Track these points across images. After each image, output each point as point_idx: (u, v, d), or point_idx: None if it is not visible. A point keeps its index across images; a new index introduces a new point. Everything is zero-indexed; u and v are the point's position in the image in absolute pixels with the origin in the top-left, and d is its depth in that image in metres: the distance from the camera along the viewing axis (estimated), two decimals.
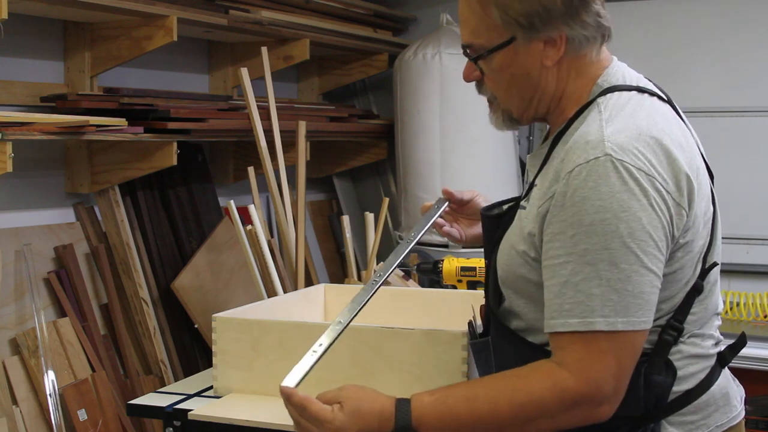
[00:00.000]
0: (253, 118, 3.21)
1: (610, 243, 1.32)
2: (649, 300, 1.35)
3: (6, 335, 2.82)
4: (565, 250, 1.35)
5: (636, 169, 1.34)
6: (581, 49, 1.47)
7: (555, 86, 1.50)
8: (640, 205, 1.33)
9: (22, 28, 2.91)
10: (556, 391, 1.34)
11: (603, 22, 1.47)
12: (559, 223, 1.37)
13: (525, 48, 1.46)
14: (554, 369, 1.36)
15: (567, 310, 1.34)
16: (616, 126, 1.39)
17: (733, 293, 3.75)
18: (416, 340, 1.90)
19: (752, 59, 3.90)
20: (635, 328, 1.34)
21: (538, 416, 1.36)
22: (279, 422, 1.87)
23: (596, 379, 1.34)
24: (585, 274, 1.33)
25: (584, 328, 1.33)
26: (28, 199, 3.01)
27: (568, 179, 1.36)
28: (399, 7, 4.58)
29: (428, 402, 1.40)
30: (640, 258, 1.33)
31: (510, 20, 1.44)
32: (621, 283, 1.32)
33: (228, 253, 3.57)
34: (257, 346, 2.04)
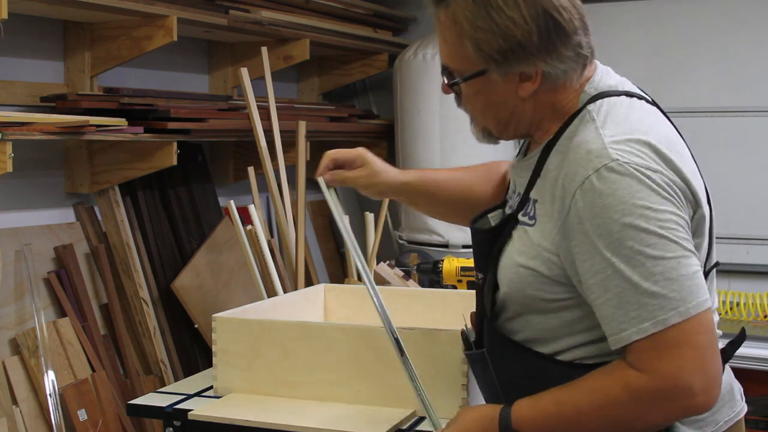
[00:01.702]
0: (253, 118, 3.21)
1: (648, 239, 1.32)
2: (701, 278, 1.35)
3: (6, 335, 2.82)
4: (605, 263, 1.34)
5: (644, 168, 1.34)
6: (559, 81, 1.46)
7: (532, 114, 1.49)
8: (659, 199, 1.34)
9: (22, 28, 2.91)
10: (630, 392, 1.34)
11: (584, 51, 1.46)
12: (587, 239, 1.36)
13: (500, 79, 1.45)
14: (625, 370, 1.35)
15: (634, 317, 1.32)
16: (613, 131, 1.39)
17: (733, 293, 3.75)
18: (416, 340, 1.90)
19: (752, 59, 3.90)
20: (704, 307, 1.33)
21: (623, 417, 1.36)
22: (279, 422, 1.87)
23: (671, 374, 1.31)
24: (638, 277, 1.32)
25: (660, 327, 1.31)
26: (28, 199, 3.01)
27: (581, 193, 1.36)
28: (399, 7, 4.58)
29: (525, 405, 1.43)
30: (680, 243, 1.33)
31: (484, 55, 1.43)
32: (674, 272, 1.32)
33: (228, 253, 3.57)
34: (257, 346, 2.04)
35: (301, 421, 1.87)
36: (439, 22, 1.48)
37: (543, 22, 1.40)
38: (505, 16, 1.39)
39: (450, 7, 1.44)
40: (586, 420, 1.38)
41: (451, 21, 1.45)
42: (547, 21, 1.40)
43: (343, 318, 2.47)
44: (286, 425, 1.85)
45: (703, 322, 1.32)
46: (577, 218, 1.36)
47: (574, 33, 1.43)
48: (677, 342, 1.31)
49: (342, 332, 1.98)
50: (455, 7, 1.43)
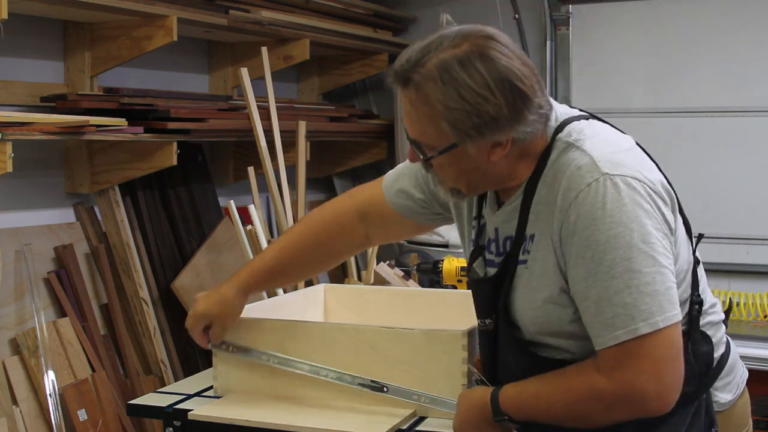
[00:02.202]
0: (253, 118, 3.21)
1: (629, 253, 1.42)
2: (674, 293, 1.45)
3: (6, 335, 2.82)
4: (590, 272, 1.44)
5: (632, 179, 1.45)
6: (527, 140, 1.52)
7: (504, 170, 1.56)
8: (644, 212, 1.44)
9: (22, 28, 2.91)
10: (593, 393, 1.47)
11: (545, 110, 1.52)
12: (577, 249, 1.46)
13: (473, 149, 1.51)
14: (592, 373, 1.47)
15: (610, 325, 1.43)
16: (594, 146, 1.49)
17: (733, 293, 3.75)
18: (416, 340, 1.90)
19: (752, 59, 3.90)
20: (672, 321, 1.43)
21: (588, 413, 1.49)
22: (279, 422, 1.87)
23: (628, 382, 1.43)
24: (615, 288, 1.42)
25: (631, 336, 1.42)
26: (28, 199, 3.01)
27: (574, 206, 1.45)
28: (399, 7, 4.58)
29: (511, 392, 1.57)
30: (657, 259, 1.43)
31: (459, 132, 1.48)
32: (649, 286, 1.42)
33: (228, 253, 3.57)
34: (257, 346, 2.04)
35: (300, 421, 1.86)
36: (407, 101, 1.52)
37: (509, 92, 1.46)
38: (475, 94, 1.45)
39: (420, 90, 1.48)
40: (558, 411, 1.52)
41: (423, 102, 1.49)
42: (513, 91, 1.46)
43: (343, 318, 2.46)
44: (286, 425, 1.85)
45: (668, 337, 1.43)
46: (571, 230, 1.46)
47: (535, 96, 1.49)
48: (640, 353, 1.42)
49: (342, 332, 1.98)
50: (426, 91, 1.48)
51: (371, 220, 1.91)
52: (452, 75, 1.45)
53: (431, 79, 1.47)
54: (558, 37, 4.27)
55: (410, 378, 1.89)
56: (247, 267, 1.95)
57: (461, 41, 1.48)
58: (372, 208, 1.90)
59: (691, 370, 1.53)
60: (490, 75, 1.44)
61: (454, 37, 1.50)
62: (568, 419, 1.52)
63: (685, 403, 1.55)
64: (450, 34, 1.51)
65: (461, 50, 1.47)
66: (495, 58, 1.45)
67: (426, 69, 1.47)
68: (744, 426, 1.70)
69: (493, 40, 1.48)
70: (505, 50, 1.47)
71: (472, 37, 1.49)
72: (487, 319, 1.65)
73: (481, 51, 1.46)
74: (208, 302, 1.92)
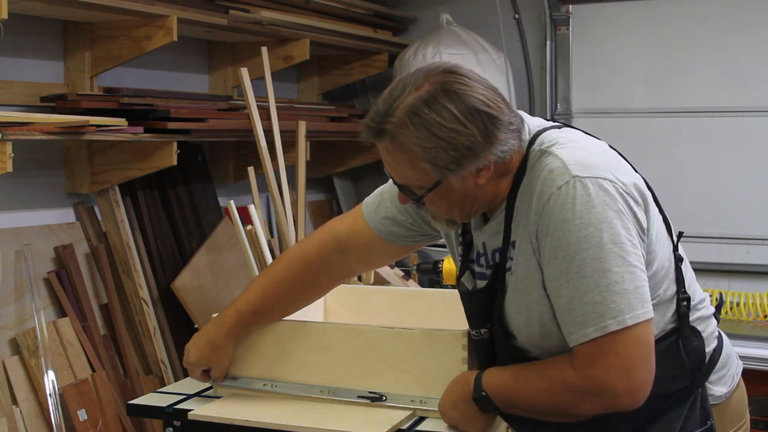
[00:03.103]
0: (253, 118, 3.21)
1: (599, 253, 1.46)
2: (643, 292, 1.49)
3: (6, 335, 2.82)
4: (561, 271, 1.49)
5: (603, 180, 1.49)
6: (507, 157, 1.57)
7: (490, 191, 1.61)
8: (614, 213, 1.48)
9: (22, 28, 2.91)
10: (564, 386, 1.52)
11: (515, 126, 1.57)
12: (549, 249, 1.51)
13: (457, 181, 1.56)
14: (565, 367, 1.53)
15: (581, 323, 1.48)
16: (566, 151, 1.54)
17: (733, 293, 3.75)
18: (416, 340, 1.90)
19: (752, 59, 3.90)
20: (641, 319, 1.47)
21: (559, 404, 1.55)
22: (279, 422, 1.87)
23: (598, 378, 1.48)
24: (585, 287, 1.47)
25: (600, 333, 1.47)
26: (28, 199, 3.01)
27: (547, 209, 1.50)
28: (399, 7, 4.58)
29: (493, 373, 1.65)
30: (626, 258, 1.47)
31: (440, 168, 1.53)
32: (618, 285, 1.46)
33: (228, 253, 3.57)
34: (257, 346, 2.04)
35: (300, 421, 1.86)
36: (385, 152, 1.57)
37: (479, 120, 1.51)
38: (447, 130, 1.50)
39: (395, 139, 1.53)
40: (533, 398, 1.58)
41: (400, 150, 1.54)
42: (481, 117, 1.51)
43: (343, 318, 2.46)
44: (286, 425, 1.85)
45: (637, 335, 1.47)
46: (544, 231, 1.51)
47: (503, 114, 1.54)
48: (610, 350, 1.47)
49: (342, 332, 1.98)
50: (400, 138, 1.53)
51: (353, 250, 1.93)
52: (422, 117, 1.50)
53: (402, 125, 1.52)
54: (558, 37, 4.27)
55: (410, 378, 1.89)
56: (232, 310, 1.97)
57: (422, 82, 1.53)
58: (353, 239, 1.92)
59: (682, 366, 1.59)
60: (457, 109, 1.50)
61: (415, 80, 1.54)
62: (541, 407, 1.57)
63: (680, 399, 1.60)
64: (410, 78, 1.55)
65: (424, 91, 1.52)
66: (458, 91, 1.51)
67: (396, 117, 1.52)
68: (740, 418, 1.72)
69: (452, 74, 1.54)
70: (466, 80, 1.53)
71: (431, 76, 1.53)
72: (482, 329, 1.70)
73: (444, 88, 1.51)
74: (199, 351, 1.97)
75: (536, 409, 1.59)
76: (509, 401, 1.62)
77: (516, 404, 1.61)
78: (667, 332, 1.60)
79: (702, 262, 3.89)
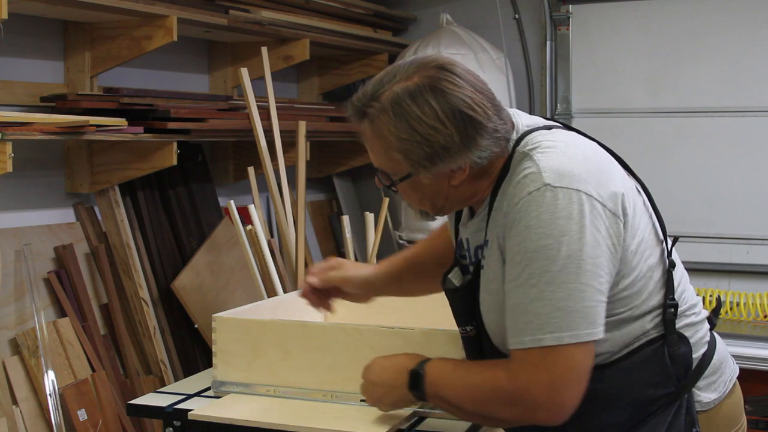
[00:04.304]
0: (253, 118, 3.21)
1: (551, 266, 1.44)
2: (592, 313, 1.46)
3: (6, 335, 2.82)
4: (515, 275, 1.48)
5: (574, 191, 1.46)
6: (485, 163, 1.56)
7: (466, 191, 1.61)
8: (578, 227, 1.45)
9: (22, 28, 2.91)
10: (493, 387, 1.52)
11: (501, 134, 1.56)
12: (510, 252, 1.50)
13: (428, 177, 1.57)
14: (500, 370, 1.52)
15: (520, 330, 1.48)
16: (545, 157, 1.51)
17: (733, 293, 3.75)
18: (416, 340, 1.90)
19: (752, 59, 3.90)
20: (581, 340, 1.45)
21: (484, 402, 1.55)
22: (279, 422, 1.87)
23: (525, 387, 1.48)
24: (532, 296, 1.46)
25: (535, 345, 1.46)
26: (28, 199, 3.01)
27: (515, 212, 1.49)
28: (399, 7, 4.58)
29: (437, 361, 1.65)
30: (579, 276, 1.45)
31: (412, 162, 1.54)
32: (564, 301, 1.44)
33: (228, 253, 3.57)
34: (257, 346, 2.04)
35: (301, 421, 1.87)
36: (366, 137, 1.60)
37: (460, 122, 1.51)
38: (426, 126, 1.51)
39: (374, 123, 1.55)
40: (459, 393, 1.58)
41: (377, 135, 1.56)
42: (464, 120, 1.51)
43: (343, 318, 2.47)
44: (286, 425, 1.85)
45: (571, 355, 1.46)
46: (509, 233, 1.50)
47: (488, 121, 1.53)
48: (539, 364, 1.46)
49: (342, 332, 1.98)
50: (379, 123, 1.55)
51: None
52: (403, 108, 1.51)
53: (383, 112, 1.53)
54: (558, 37, 4.27)
55: None
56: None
57: (413, 74, 1.53)
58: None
59: (667, 372, 1.57)
60: (440, 107, 1.50)
61: (407, 69, 1.55)
62: (465, 403, 1.58)
63: (665, 404, 1.57)
64: (404, 66, 1.57)
65: (412, 83, 1.52)
66: (445, 90, 1.51)
67: (380, 102, 1.54)
68: (733, 425, 1.69)
69: (444, 71, 1.53)
70: (457, 80, 1.52)
71: (423, 69, 1.54)
72: (468, 326, 1.69)
73: (432, 83, 1.51)
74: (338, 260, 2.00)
75: (460, 403, 1.59)
76: (437, 389, 1.61)
77: (442, 394, 1.61)
78: (652, 339, 1.57)
79: (702, 262, 3.89)
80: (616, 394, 1.57)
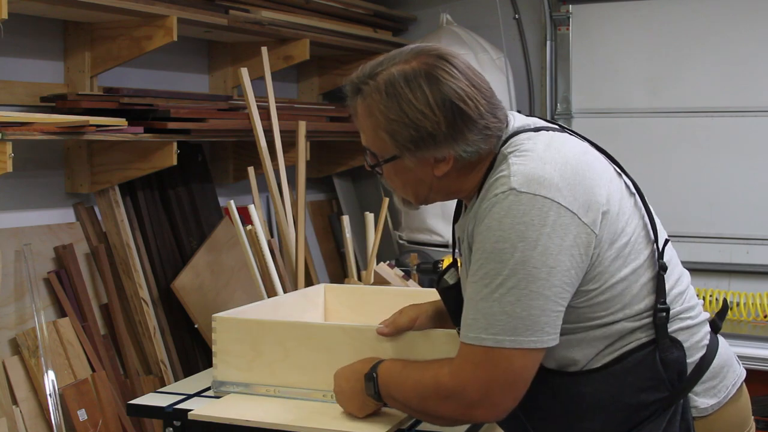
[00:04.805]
0: (253, 118, 3.21)
1: (504, 270, 1.45)
2: (539, 321, 1.46)
3: (6, 335, 2.82)
4: (473, 271, 1.50)
5: (540, 197, 1.45)
6: (471, 158, 1.58)
7: (449, 185, 1.62)
8: (537, 234, 1.44)
9: (22, 28, 2.91)
10: (436, 381, 1.55)
11: (492, 132, 1.57)
12: (474, 249, 1.51)
13: (415, 162, 1.58)
14: (444, 365, 1.55)
15: (468, 325, 1.50)
16: (520, 161, 1.51)
17: (733, 293, 3.75)
18: (416, 340, 1.90)
19: (752, 59, 3.90)
20: (522, 346, 1.46)
21: (426, 397, 1.57)
22: (279, 422, 1.87)
23: (462, 383, 1.50)
24: (483, 296, 1.47)
25: (476, 342, 1.48)
26: (28, 199, 3.01)
27: (480, 213, 1.51)
28: (399, 7, 4.59)
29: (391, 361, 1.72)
30: (530, 284, 1.45)
31: (397, 143, 1.56)
32: (511, 306, 1.45)
33: (228, 253, 3.57)
34: (257, 346, 2.04)
35: (301, 421, 1.87)
36: (357, 113, 1.62)
37: (450, 112, 1.52)
38: (415, 109, 1.53)
39: (366, 100, 1.58)
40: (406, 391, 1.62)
41: (367, 112, 1.59)
42: (453, 110, 1.53)
43: (343, 318, 2.47)
44: (286, 425, 1.85)
45: (510, 359, 1.46)
46: (475, 232, 1.51)
47: (480, 117, 1.55)
48: (479, 362, 1.48)
49: (342, 332, 1.98)
50: (371, 101, 1.57)
51: None
52: (396, 89, 1.54)
53: (377, 90, 1.56)
54: (558, 37, 4.27)
55: None
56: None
57: (412, 58, 1.56)
58: None
59: (659, 377, 1.55)
60: (431, 93, 1.52)
61: (408, 54, 1.58)
62: (411, 400, 1.60)
63: (659, 411, 1.55)
64: (406, 51, 1.59)
65: (410, 66, 1.55)
66: (440, 78, 1.53)
67: (375, 81, 1.57)
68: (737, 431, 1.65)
69: (443, 60, 1.55)
70: (453, 71, 1.54)
71: (422, 56, 1.56)
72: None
73: (428, 70, 1.53)
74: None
75: (406, 401, 1.62)
76: (388, 389, 1.65)
77: (393, 394, 1.65)
78: (643, 344, 1.54)
79: (702, 262, 3.89)
80: (606, 399, 1.56)
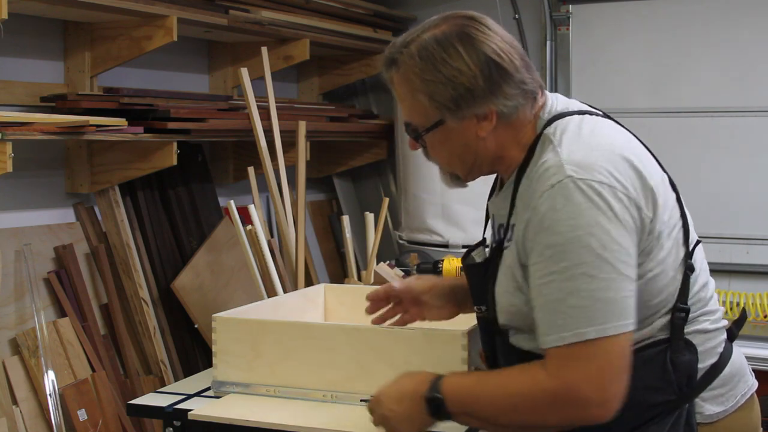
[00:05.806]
0: (253, 118, 3.21)
1: (586, 257, 1.41)
2: (629, 303, 1.43)
3: (6, 335, 2.82)
4: (547, 270, 1.44)
5: (597, 183, 1.44)
6: (513, 116, 1.56)
7: (494, 149, 1.60)
8: (606, 218, 1.43)
9: (22, 28, 2.91)
10: (535, 390, 1.45)
11: (529, 87, 1.56)
12: (538, 247, 1.46)
13: (458, 125, 1.56)
14: (539, 371, 1.45)
15: (560, 326, 1.43)
16: (569, 147, 1.50)
17: (733, 293, 3.75)
18: (416, 340, 1.90)
19: (752, 59, 3.90)
20: (622, 330, 1.42)
21: (528, 411, 1.46)
22: (279, 422, 1.87)
23: (572, 384, 1.42)
24: (569, 290, 1.42)
25: (577, 339, 1.41)
26: (28, 199, 3.01)
27: (537, 206, 1.47)
28: (399, 7, 4.58)
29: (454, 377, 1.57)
30: (615, 266, 1.42)
31: (438, 105, 1.55)
32: (602, 292, 1.41)
33: (228, 253, 3.57)
34: (257, 346, 2.04)
35: (301, 421, 1.87)
36: (394, 84, 1.62)
37: (486, 66, 1.52)
38: (450, 67, 1.53)
39: (401, 68, 1.58)
40: (496, 405, 1.49)
41: (404, 79, 1.58)
42: (489, 65, 1.52)
43: (343, 318, 2.47)
44: (286, 425, 1.85)
45: (617, 345, 1.42)
46: (536, 227, 1.47)
47: (516, 71, 1.55)
48: (587, 357, 1.41)
49: (342, 332, 1.98)
50: (405, 67, 1.57)
51: None
52: (429, 51, 1.54)
53: (410, 57, 1.56)
54: (558, 37, 4.27)
55: None
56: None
57: (442, 22, 1.57)
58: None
59: (667, 378, 1.53)
60: (465, 50, 1.52)
61: (437, 19, 1.59)
62: (503, 416, 1.49)
63: (664, 412, 1.54)
64: (434, 18, 1.59)
65: (440, 30, 1.56)
66: (472, 35, 1.54)
67: (408, 49, 1.57)
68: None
69: (473, 20, 1.57)
70: (485, 29, 1.55)
71: (452, 18, 1.57)
72: (482, 306, 1.65)
73: (459, 30, 1.54)
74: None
75: (497, 417, 1.50)
76: (465, 407, 1.52)
77: (473, 411, 1.52)
78: (657, 341, 1.54)
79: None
80: None
